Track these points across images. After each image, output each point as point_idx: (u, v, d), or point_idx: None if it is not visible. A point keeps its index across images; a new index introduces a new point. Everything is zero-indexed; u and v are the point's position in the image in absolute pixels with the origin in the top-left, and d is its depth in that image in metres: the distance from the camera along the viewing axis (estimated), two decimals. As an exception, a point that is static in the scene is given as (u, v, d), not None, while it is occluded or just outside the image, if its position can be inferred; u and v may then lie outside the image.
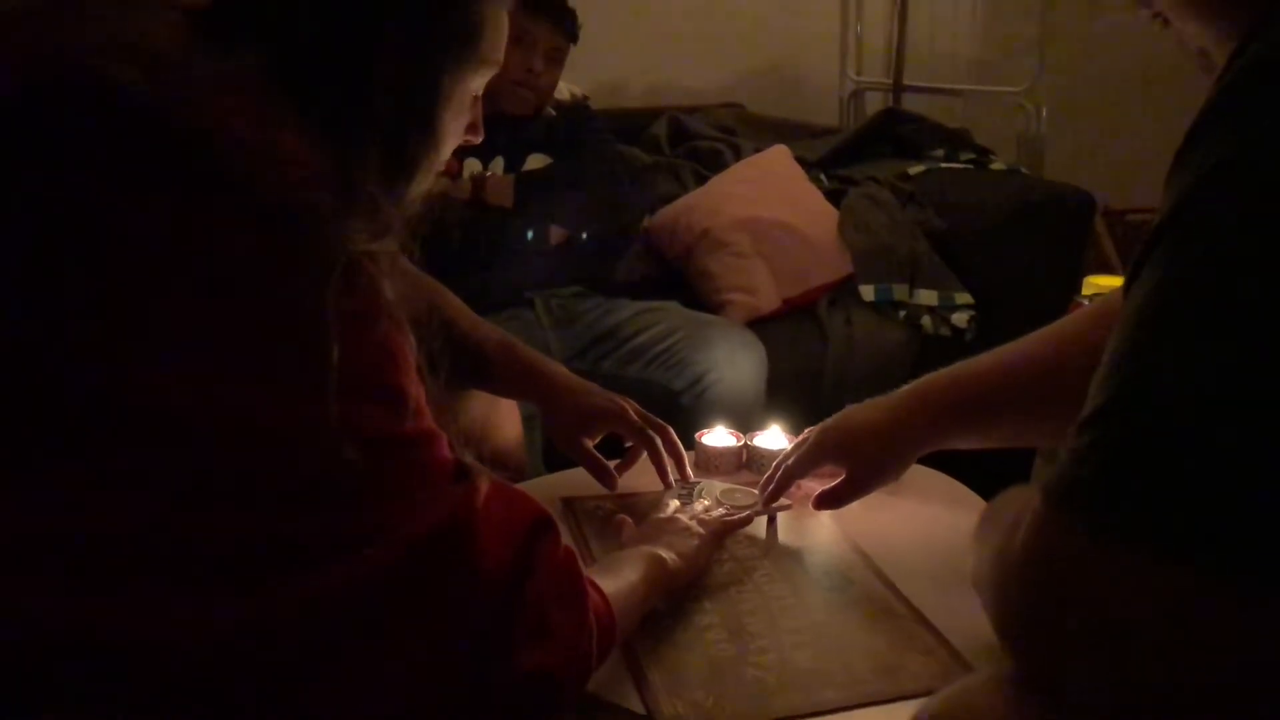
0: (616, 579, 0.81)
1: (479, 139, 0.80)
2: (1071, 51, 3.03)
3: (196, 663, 0.57)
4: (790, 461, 1.04)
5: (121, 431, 0.56)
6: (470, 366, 1.11)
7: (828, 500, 1.02)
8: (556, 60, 2.00)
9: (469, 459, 0.66)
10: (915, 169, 2.42)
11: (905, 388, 0.99)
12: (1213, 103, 0.49)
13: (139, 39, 0.61)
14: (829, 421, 1.03)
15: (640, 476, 1.12)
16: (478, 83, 0.75)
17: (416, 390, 0.64)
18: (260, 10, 0.65)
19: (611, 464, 1.13)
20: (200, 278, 0.57)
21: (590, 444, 1.13)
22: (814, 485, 1.05)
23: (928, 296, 2.12)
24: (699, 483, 1.10)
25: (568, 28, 2.00)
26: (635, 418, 1.12)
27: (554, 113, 2.10)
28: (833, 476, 1.03)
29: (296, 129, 0.62)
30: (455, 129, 0.74)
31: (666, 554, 0.89)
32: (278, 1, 0.65)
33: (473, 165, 1.95)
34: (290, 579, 0.58)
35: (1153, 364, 0.47)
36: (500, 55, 0.75)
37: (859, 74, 3.11)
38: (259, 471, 0.58)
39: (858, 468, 1.01)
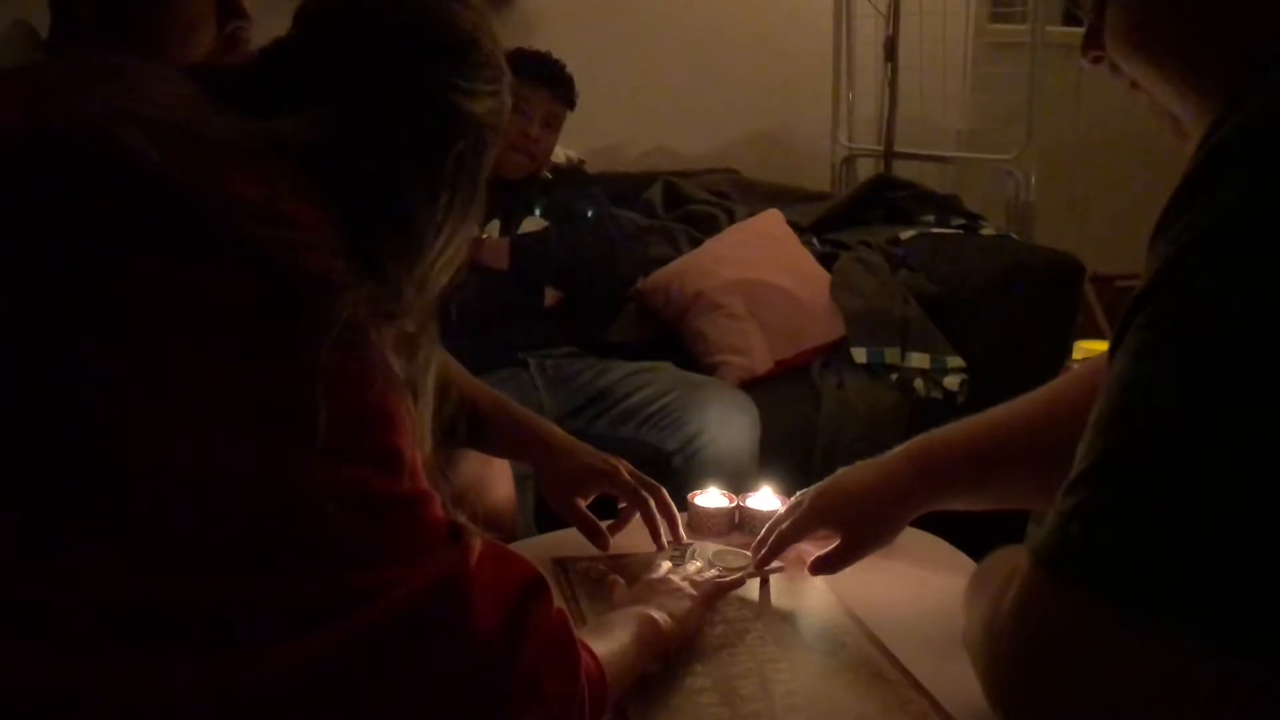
0: (608, 641, 0.81)
1: None
2: (1059, 120, 3.08)
3: None
4: (784, 526, 1.03)
5: (117, 493, 0.56)
6: (464, 426, 1.11)
7: (824, 565, 1.02)
8: (553, 126, 2.04)
9: (462, 519, 0.66)
10: (906, 234, 2.45)
11: (897, 450, 0.99)
12: (1192, 173, 0.51)
13: (148, 104, 0.63)
14: (822, 485, 1.03)
15: (632, 537, 1.12)
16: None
17: (412, 451, 0.64)
18: (289, 91, 0.68)
19: (604, 524, 1.12)
20: (197, 335, 0.58)
21: (583, 504, 1.13)
22: (807, 548, 1.04)
23: (919, 359, 2.13)
24: (691, 544, 1.10)
25: (565, 95, 2.04)
26: (628, 478, 1.12)
27: (550, 176, 2.13)
28: (826, 540, 1.03)
29: (301, 195, 0.63)
30: None
31: (659, 615, 0.89)
32: (317, 90, 0.69)
33: (469, 227, 1.97)
34: (283, 640, 0.57)
35: (1136, 428, 0.48)
36: None
37: (850, 141, 3.16)
38: (252, 531, 0.58)
39: (852, 532, 1.01)
